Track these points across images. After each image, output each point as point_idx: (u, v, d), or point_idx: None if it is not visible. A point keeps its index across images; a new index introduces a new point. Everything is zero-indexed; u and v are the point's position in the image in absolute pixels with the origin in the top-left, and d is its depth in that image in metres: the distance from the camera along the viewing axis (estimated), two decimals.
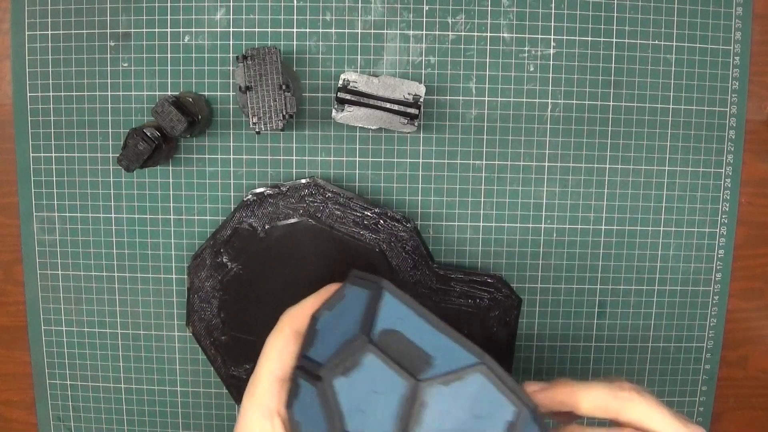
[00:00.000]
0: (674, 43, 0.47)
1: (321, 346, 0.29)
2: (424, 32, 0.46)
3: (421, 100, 0.44)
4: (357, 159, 0.47)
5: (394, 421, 0.27)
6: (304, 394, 0.29)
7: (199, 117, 0.44)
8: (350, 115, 0.44)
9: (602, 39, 0.47)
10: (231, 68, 0.47)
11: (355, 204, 0.45)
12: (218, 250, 0.46)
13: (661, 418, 0.30)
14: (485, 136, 0.47)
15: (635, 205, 0.48)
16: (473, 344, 0.28)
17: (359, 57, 0.47)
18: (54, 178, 0.48)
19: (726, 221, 0.49)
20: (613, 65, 0.47)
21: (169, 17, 0.46)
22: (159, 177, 0.48)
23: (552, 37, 0.47)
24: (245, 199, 0.46)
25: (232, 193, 0.48)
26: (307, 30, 0.46)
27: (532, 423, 0.28)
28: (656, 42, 0.47)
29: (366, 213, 0.46)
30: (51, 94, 0.47)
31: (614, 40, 0.47)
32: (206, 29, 0.46)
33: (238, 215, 0.46)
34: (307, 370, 0.29)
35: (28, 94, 0.47)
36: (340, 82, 0.44)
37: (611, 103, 0.47)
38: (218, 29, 0.46)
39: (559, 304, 0.49)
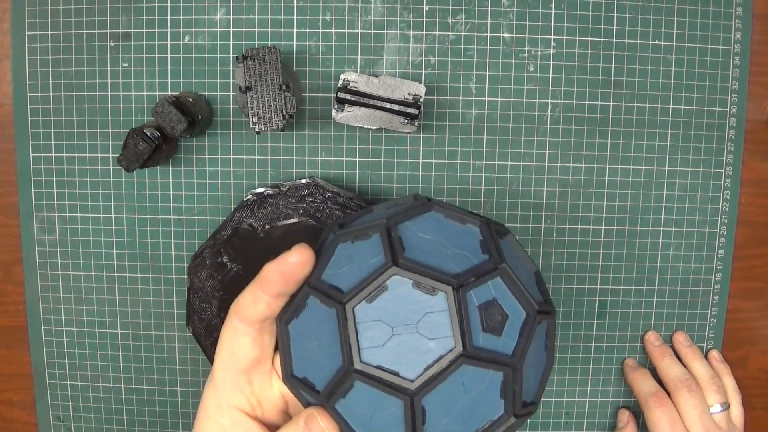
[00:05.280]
0: (674, 43, 0.47)
1: (335, 272, 0.30)
2: (424, 32, 0.46)
3: (421, 100, 0.44)
4: (357, 159, 0.47)
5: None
6: (309, 314, 0.29)
7: (199, 117, 0.44)
8: (350, 115, 0.44)
9: (602, 39, 0.47)
10: (231, 68, 0.47)
11: (355, 204, 0.45)
12: (218, 250, 0.46)
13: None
14: (485, 136, 0.47)
15: (635, 205, 0.48)
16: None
17: (359, 57, 0.47)
18: (54, 178, 0.48)
19: (726, 221, 0.49)
20: (613, 65, 0.47)
21: (169, 17, 0.46)
22: (159, 177, 0.48)
23: (552, 37, 0.47)
24: (245, 199, 0.46)
25: (232, 193, 0.48)
26: (307, 30, 0.46)
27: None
28: (656, 42, 0.47)
29: None
30: (51, 94, 0.47)
31: (614, 40, 0.47)
32: (206, 29, 0.46)
33: (238, 215, 0.46)
34: (325, 292, 0.29)
35: (28, 94, 0.47)
36: (340, 82, 0.44)
37: (611, 103, 0.47)
38: (218, 29, 0.46)
39: (559, 304, 0.49)
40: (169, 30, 0.46)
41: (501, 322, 0.28)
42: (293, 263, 0.29)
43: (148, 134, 0.42)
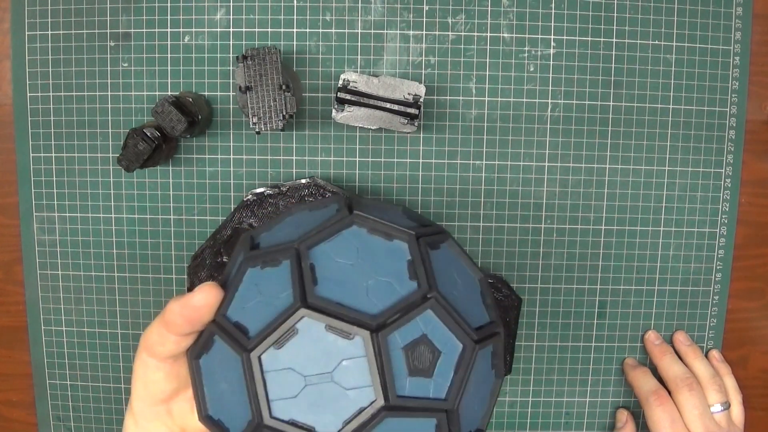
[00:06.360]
0: (674, 43, 0.47)
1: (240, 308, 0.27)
2: (424, 32, 0.46)
3: (421, 100, 0.44)
4: (357, 159, 0.47)
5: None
6: (217, 352, 0.27)
7: (199, 117, 0.44)
8: (350, 115, 0.44)
9: (602, 39, 0.47)
10: (231, 68, 0.47)
11: None
12: (218, 250, 0.46)
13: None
14: (485, 136, 0.47)
15: (635, 205, 0.48)
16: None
17: (359, 57, 0.47)
18: (54, 178, 0.48)
19: (726, 221, 0.49)
20: (613, 65, 0.47)
21: (169, 17, 0.46)
22: (159, 177, 0.48)
23: (552, 37, 0.47)
24: (245, 199, 0.46)
25: (232, 193, 0.48)
26: (307, 30, 0.46)
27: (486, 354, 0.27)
28: (656, 42, 0.47)
29: None
30: (51, 94, 0.47)
31: (614, 40, 0.47)
32: (206, 29, 0.46)
33: (238, 215, 0.46)
34: (230, 334, 0.26)
35: (28, 94, 0.47)
36: (340, 82, 0.44)
37: (611, 103, 0.47)
38: (218, 29, 0.46)
39: (559, 304, 0.49)
40: (169, 30, 0.46)
41: (432, 360, 0.25)
42: (197, 307, 0.27)
43: (148, 134, 0.42)
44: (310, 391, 0.24)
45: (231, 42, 0.46)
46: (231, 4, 0.46)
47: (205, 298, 0.27)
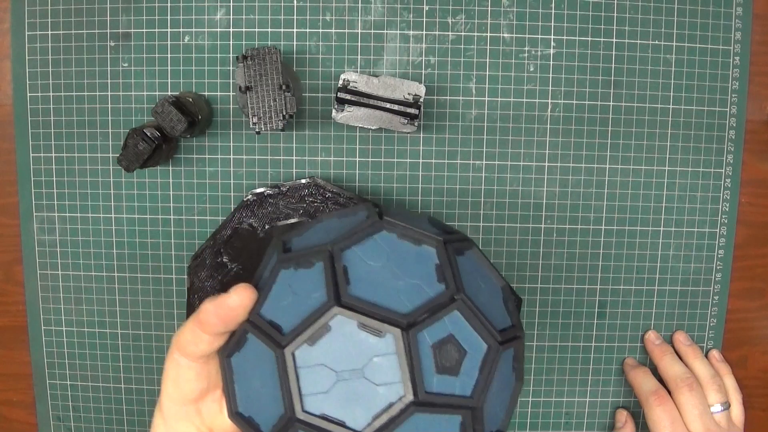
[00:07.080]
0: (674, 43, 0.47)
1: (275, 306, 0.28)
2: (424, 32, 0.46)
3: (421, 100, 0.44)
4: (357, 159, 0.47)
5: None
6: (249, 349, 0.28)
7: (199, 117, 0.44)
8: (350, 115, 0.44)
9: (602, 39, 0.47)
10: (231, 68, 0.47)
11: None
12: (218, 250, 0.46)
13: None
14: (485, 136, 0.47)
15: (635, 205, 0.48)
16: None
17: (359, 57, 0.47)
18: (54, 178, 0.48)
19: (726, 221, 0.49)
20: (613, 65, 0.47)
21: (169, 17, 0.46)
22: (159, 177, 0.48)
23: (552, 37, 0.47)
24: (245, 199, 0.46)
25: (232, 193, 0.48)
26: (307, 30, 0.46)
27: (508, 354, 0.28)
28: (656, 42, 0.47)
29: None
30: (51, 94, 0.47)
31: (614, 40, 0.47)
32: (206, 29, 0.46)
33: (238, 215, 0.46)
34: (265, 331, 0.27)
35: (28, 94, 0.47)
36: (340, 82, 0.44)
37: (611, 103, 0.47)
38: (218, 29, 0.46)
39: (559, 304, 0.49)
40: (169, 30, 0.46)
41: (458, 359, 0.26)
42: (232, 307, 0.27)
43: (148, 134, 0.42)
44: (342, 386, 0.25)
45: (231, 42, 0.46)
46: (231, 4, 0.46)
47: (240, 298, 0.28)
